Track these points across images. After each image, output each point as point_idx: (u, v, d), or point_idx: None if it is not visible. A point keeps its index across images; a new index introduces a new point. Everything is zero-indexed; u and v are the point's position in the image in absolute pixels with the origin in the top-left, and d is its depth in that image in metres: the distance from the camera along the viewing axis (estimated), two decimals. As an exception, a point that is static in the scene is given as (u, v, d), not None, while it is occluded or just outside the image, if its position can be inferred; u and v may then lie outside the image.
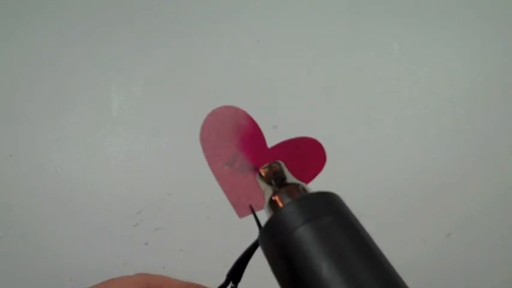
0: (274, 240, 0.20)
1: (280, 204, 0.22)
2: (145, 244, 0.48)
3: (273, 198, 0.22)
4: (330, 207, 0.20)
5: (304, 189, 0.23)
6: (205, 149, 0.26)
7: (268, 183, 0.24)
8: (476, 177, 0.52)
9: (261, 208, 0.26)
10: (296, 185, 0.23)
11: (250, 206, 0.26)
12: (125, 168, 0.51)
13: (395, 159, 0.51)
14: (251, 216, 0.27)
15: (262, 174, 0.25)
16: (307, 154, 0.25)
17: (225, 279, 0.27)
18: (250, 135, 0.26)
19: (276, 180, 0.24)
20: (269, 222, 0.20)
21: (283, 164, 0.25)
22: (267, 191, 0.23)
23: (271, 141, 0.55)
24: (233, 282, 0.27)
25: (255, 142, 0.26)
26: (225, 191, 0.26)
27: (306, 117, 0.52)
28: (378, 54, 0.55)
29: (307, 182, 0.26)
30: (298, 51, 0.55)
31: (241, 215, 0.27)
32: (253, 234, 0.48)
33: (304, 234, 0.19)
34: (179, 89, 0.54)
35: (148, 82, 0.54)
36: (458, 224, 0.51)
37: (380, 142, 0.51)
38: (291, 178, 0.24)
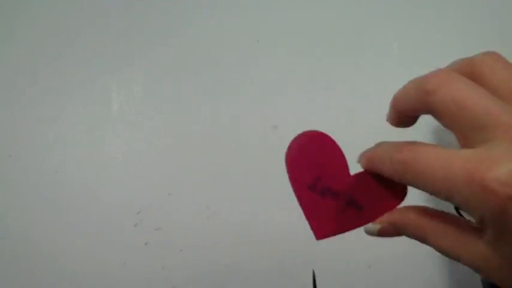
0: None
1: None
2: (145, 244, 0.48)
3: None
4: None
5: None
6: (290, 171, 0.27)
7: None
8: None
9: (333, 233, 0.27)
10: None
11: (314, 272, 0.28)
12: (125, 168, 0.51)
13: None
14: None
15: None
16: (388, 186, 0.26)
17: None
18: (333, 160, 0.27)
19: None
20: None
21: None
22: None
23: (271, 141, 0.55)
24: None
25: (337, 168, 0.27)
26: (304, 212, 0.27)
27: (306, 117, 0.52)
28: (378, 54, 0.55)
29: (380, 214, 0.26)
30: (298, 51, 0.55)
31: (318, 237, 0.28)
32: (254, 233, 0.48)
33: None
34: (179, 89, 0.54)
35: (148, 82, 0.54)
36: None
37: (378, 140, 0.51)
38: None
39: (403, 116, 0.25)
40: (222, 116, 0.53)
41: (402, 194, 0.27)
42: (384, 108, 0.28)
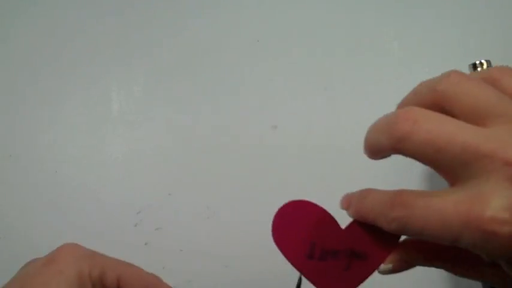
0: None
1: None
2: (145, 244, 0.48)
3: None
4: None
5: None
6: (282, 248, 0.27)
7: None
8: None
9: None
10: None
11: (300, 276, 0.27)
12: (125, 168, 0.51)
13: (396, 159, 0.51)
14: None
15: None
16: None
17: None
18: (321, 222, 0.27)
19: None
20: None
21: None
22: None
23: (271, 141, 0.55)
24: None
25: (328, 228, 0.27)
26: (312, 282, 0.26)
27: (306, 117, 0.52)
28: (378, 54, 0.55)
29: (386, 253, 0.26)
30: (298, 51, 0.55)
31: None
32: (254, 233, 0.48)
33: None
34: (179, 89, 0.54)
35: (148, 82, 0.54)
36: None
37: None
38: None
39: (379, 157, 0.24)
40: (222, 116, 0.53)
41: (395, 240, 0.26)
42: (384, 108, 0.28)
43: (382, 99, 0.56)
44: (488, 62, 0.41)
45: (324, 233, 0.27)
